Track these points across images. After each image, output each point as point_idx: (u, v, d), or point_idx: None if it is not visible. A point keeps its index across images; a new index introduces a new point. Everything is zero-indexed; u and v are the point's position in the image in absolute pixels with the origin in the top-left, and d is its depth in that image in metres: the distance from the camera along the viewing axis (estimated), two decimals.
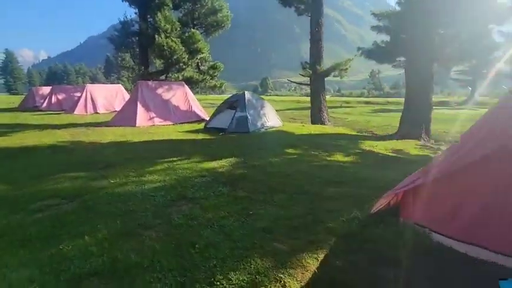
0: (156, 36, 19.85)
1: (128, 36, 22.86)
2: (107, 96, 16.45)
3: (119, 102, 16.78)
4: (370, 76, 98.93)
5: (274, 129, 10.01)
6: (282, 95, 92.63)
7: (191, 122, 11.73)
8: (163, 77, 24.03)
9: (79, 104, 15.20)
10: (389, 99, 43.29)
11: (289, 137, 8.53)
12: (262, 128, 9.58)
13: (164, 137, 8.19)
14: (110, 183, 3.88)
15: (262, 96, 12.04)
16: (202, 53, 24.12)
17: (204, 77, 24.07)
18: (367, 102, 38.28)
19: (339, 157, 5.87)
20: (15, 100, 32.27)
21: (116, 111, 16.34)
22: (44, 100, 18.36)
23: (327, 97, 15.76)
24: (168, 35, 20.54)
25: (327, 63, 13.97)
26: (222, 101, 10.29)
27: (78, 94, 19.40)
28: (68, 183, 3.91)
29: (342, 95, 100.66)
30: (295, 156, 5.94)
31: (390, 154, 6.68)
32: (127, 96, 17.65)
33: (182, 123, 11.43)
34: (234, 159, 5.30)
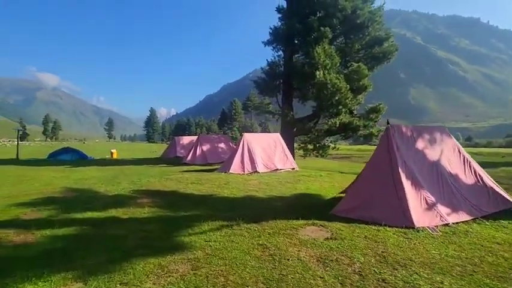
0: (317, 72, 15.55)
1: (275, 79, 19.94)
2: (265, 149, 12.04)
3: (279, 157, 12.11)
4: None
5: None
6: None
7: (498, 216, 5.04)
8: (312, 123, 19.45)
9: (235, 160, 11.10)
10: None
11: None
12: None
13: None
14: None
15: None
16: (367, 91, 18.59)
17: (366, 123, 18.08)
18: None
19: None
20: (156, 149, 34.51)
21: (277, 169, 11.58)
22: (189, 152, 15.83)
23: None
24: (328, 71, 16.06)
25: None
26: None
27: (222, 145, 16.41)
28: None
29: (476, 145, 76.37)
30: None
31: None
32: (286, 149, 12.94)
33: (484, 218, 4.87)
34: None
